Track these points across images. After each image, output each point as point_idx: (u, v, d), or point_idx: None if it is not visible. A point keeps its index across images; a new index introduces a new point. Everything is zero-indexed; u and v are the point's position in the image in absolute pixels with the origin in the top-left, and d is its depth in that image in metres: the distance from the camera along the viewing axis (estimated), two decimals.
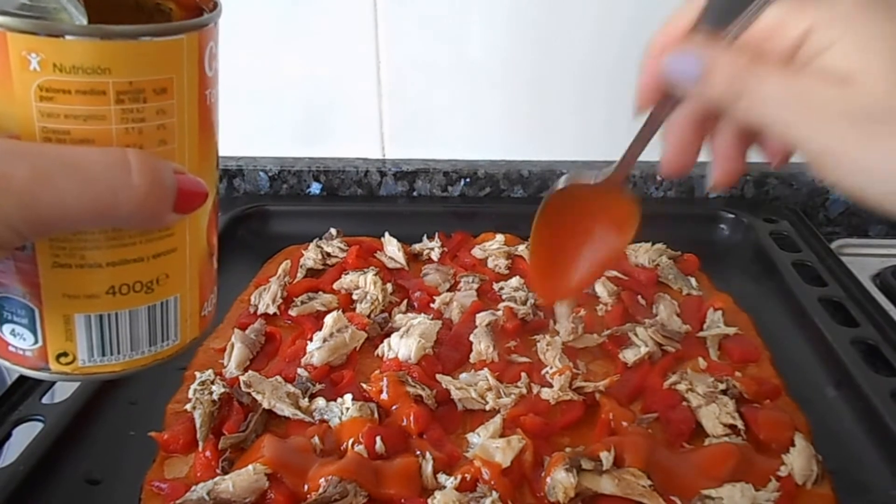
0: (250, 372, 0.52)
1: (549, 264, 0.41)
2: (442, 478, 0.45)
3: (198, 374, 0.52)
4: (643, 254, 0.70)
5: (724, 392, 0.52)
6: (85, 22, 0.21)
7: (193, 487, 0.43)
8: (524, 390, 0.52)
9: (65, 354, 0.24)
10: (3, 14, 0.20)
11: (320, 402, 0.51)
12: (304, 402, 0.51)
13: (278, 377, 0.52)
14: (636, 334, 0.58)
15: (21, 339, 0.24)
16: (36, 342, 0.24)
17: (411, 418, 0.49)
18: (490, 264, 0.70)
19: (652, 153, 0.33)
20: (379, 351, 0.58)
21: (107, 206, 0.21)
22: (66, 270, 0.23)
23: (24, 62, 0.20)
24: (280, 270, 0.66)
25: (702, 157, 0.34)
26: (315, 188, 0.84)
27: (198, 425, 0.47)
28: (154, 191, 0.22)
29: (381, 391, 0.51)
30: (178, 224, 0.24)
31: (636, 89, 0.33)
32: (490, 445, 0.46)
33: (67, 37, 0.20)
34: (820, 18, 0.27)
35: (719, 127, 0.33)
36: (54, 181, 0.20)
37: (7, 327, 0.24)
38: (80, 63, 0.20)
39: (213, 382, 0.51)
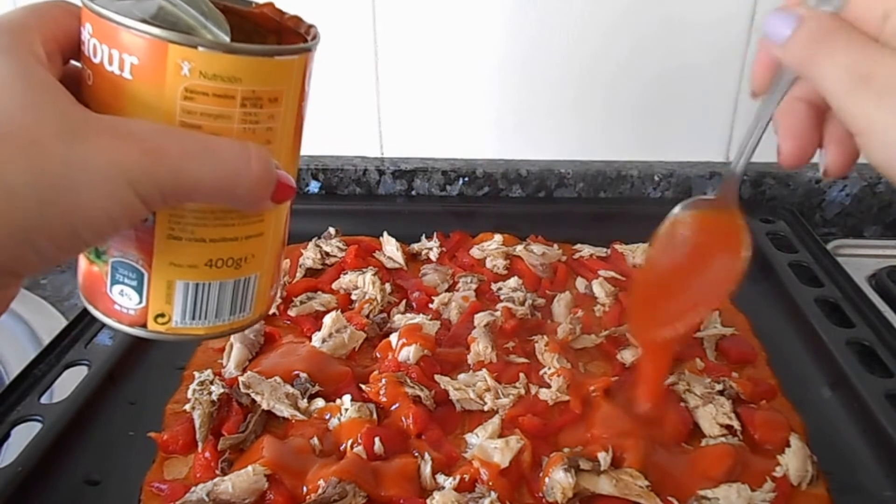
0: (249, 372, 0.52)
1: (654, 304, 0.38)
2: (441, 478, 0.45)
3: (196, 374, 0.52)
4: (641, 254, 0.70)
5: (720, 393, 0.52)
6: (228, 39, 0.25)
7: (193, 488, 0.43)
8: (522, 391, 0.53)
9: (162, 315, 0.28)
10: (164, 28, 0.23)
11: (319, 402, 0.51)
12: (304, 403, 0.51)
13: (277, 377, 0.52)
14: None
15: (127, 299, 0.28)
16: (140, 302, 0.28)
17: (410, 419, 0.49)
18: (488, 264, 0.70)
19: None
20: (378, 351, 0.58)
21: (230, 184, 0.25)
22: (176, 242, 0.27)
23: (177, 68, 0.24)
24: None
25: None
26: (313, 186, 0.84)
27: (197, 426, 0.48)
28: (264, 178, 0.26)
29: (379, 392, 0.51)
30: (269, 212, 0.28)
31: (752, 69, 0.31)
32: (488, 446, 0.47)
33: (215, 51, 0.24)
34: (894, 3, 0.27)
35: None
36: (197, 159, 0.24)
37: (117, 288, 0.28)
38: (221, 72, 0.24)
39: (212, 382, 0.51)
